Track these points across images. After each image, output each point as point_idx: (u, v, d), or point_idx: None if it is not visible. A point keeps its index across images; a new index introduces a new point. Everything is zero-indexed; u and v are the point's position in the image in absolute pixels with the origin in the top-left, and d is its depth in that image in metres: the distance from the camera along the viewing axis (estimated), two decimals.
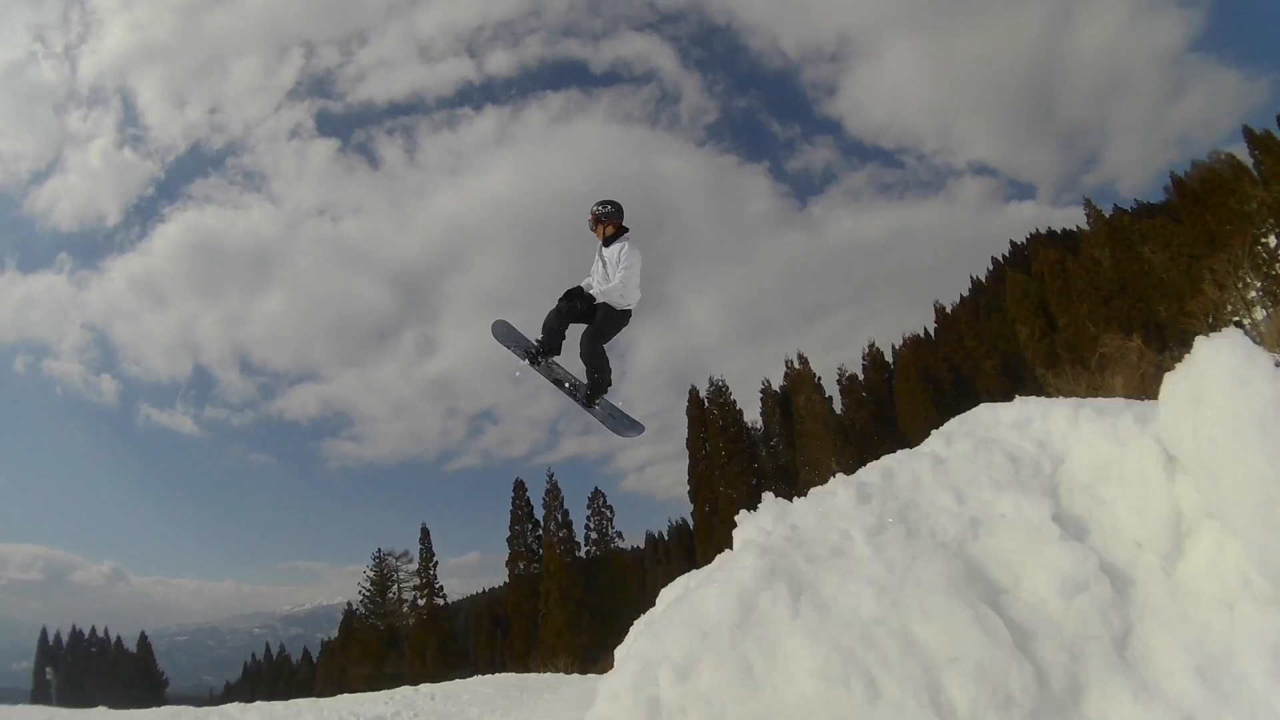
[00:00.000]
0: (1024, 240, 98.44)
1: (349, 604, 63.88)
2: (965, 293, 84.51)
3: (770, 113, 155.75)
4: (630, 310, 6.83)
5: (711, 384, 51.91)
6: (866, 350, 59.59)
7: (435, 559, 51.21)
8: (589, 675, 50.48)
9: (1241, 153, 55.52)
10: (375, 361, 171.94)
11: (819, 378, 52.31)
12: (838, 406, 53.91)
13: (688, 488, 51.24)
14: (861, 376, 57.79)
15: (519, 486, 50.52)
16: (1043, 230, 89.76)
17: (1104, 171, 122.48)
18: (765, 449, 52.10)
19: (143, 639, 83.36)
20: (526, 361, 7.15)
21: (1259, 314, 44.85)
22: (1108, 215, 60.95)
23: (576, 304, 6.80)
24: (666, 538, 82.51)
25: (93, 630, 79.69)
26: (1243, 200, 48.67)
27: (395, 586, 54.37)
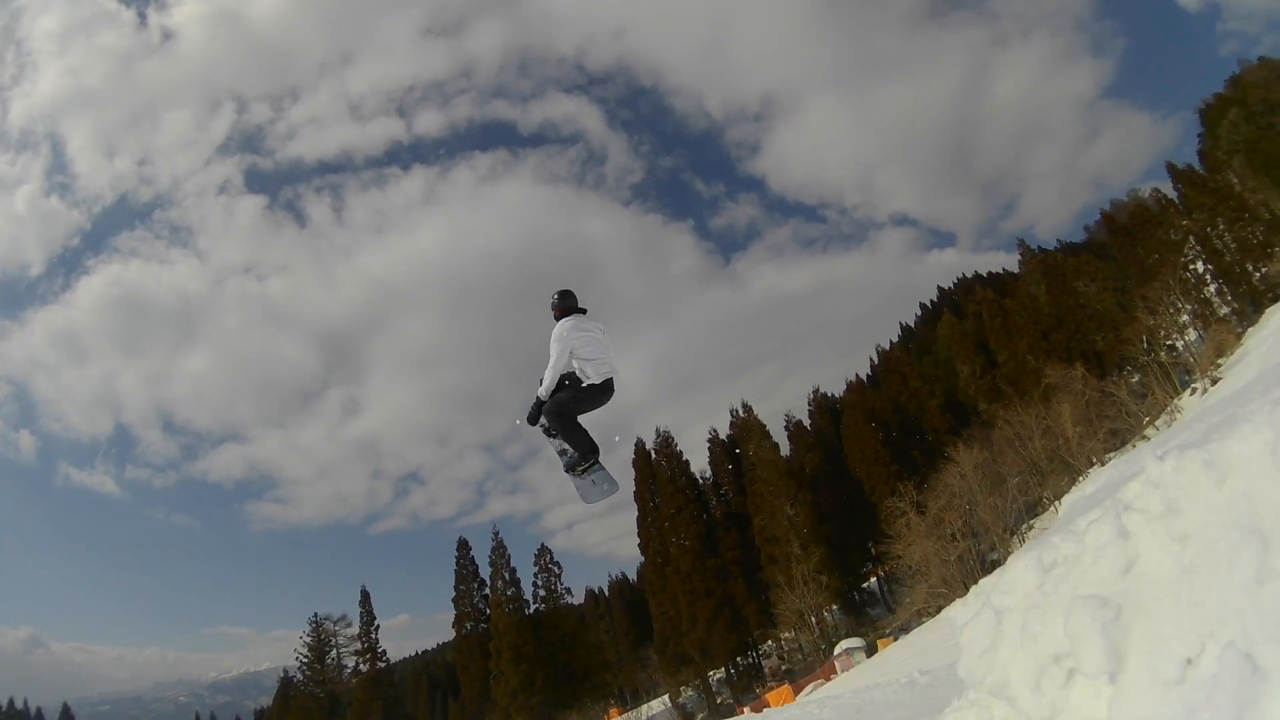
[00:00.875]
0: (951, 285, 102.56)
1: (284, 670, 60.55)
2: (895, 338, 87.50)
3: (695, 172, 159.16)
4: (589, 384, 6.51)
5: (658, 435, 51.51)
6: (811, 396, 61.64)
7: (376, 621, 48.87)
8: None
9: (1165, 188, 60.72)
10: (300, 422, 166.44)
11: (761, 424, 52.25)
12: (784, 451, 53.83)
13: (637, 540, 50.53)
14: (808, 423, 58.38)
15: (463, 545, 48.85)
16: (969, 274, 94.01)
17: (1022, 216, 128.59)
18: (715, 498, 51.59)
19: (65, 711, 77.79)
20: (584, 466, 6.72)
21: (1190, 335, 47.60)
22: (1038, 255, 64.08)
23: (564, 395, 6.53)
24: (607, 593, 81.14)
25: (10, 702, 74.24)
26: (1170, 230, 52.04)
27: (334, 651, 51.69)
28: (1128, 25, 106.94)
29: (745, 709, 40.50)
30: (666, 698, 47.40)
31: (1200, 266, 49.35)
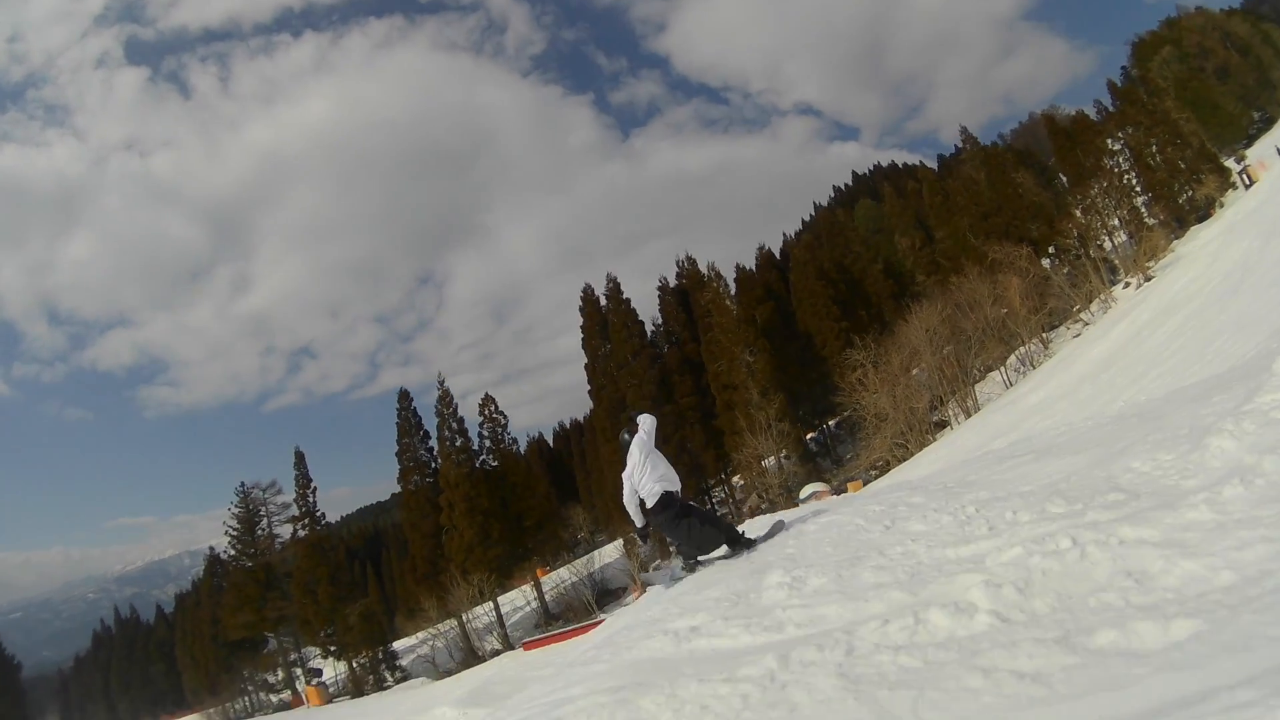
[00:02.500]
0: (867, 171, 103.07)
1: (210, 548, 56.58)
2: (806, 218, 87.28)
3: (598, 46, 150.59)
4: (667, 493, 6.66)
5: (609, 281, 48.42)
6: (758, 252, 60.64)
7: (313, 484, 45.07)
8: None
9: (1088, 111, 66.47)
10: (189, 302, 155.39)
11: (718, 273, 50.06)
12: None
13: (587, 388, 48.01)
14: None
15: (404, 396, 45.13)
16: (872, 167, 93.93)
17: (927, 120, 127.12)
18: (668, 344, 49.35)
19: None
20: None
21: (1120, 238, 50.95)
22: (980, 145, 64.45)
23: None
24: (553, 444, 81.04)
25: None
26: (1108, 140, 54.53)
27: (265, 521, 47.89)
28: None
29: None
30: (620, 543, 45.96)
31: (1133, 179, 51.49)
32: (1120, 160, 52.55)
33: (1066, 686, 2.73)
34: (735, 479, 48.39)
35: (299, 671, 49.33)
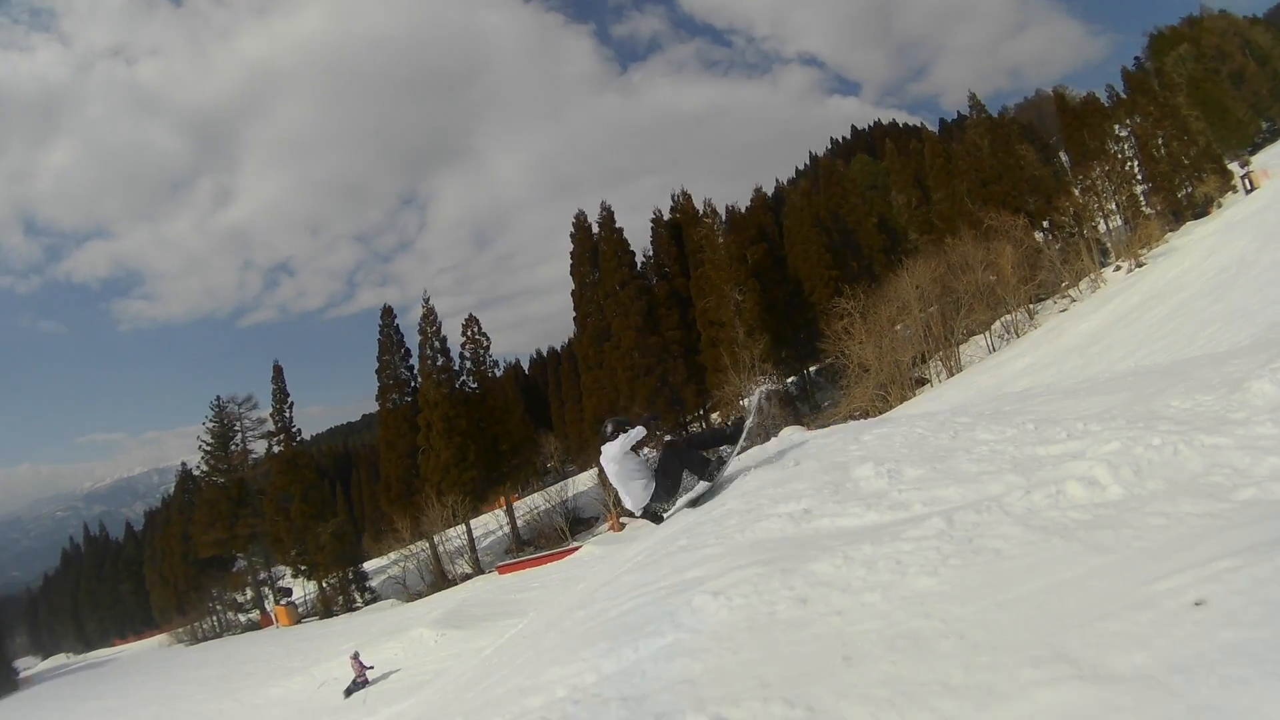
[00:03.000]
0: (867, 127, 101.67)
1: (183, 464, 55.59)
2: (801, 166, 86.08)
3: None
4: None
5: (603, 209, 47.26)
6: (754, 193, 59.74)
7: (290, 399, 44.13)
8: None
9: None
10: (169, 214, 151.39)
11: (713, 208, 49.09)
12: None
13: (572, 314, 47.23)
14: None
15: (388, 312, 44.17)
16: (872, 123, 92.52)
17: (930, 84, 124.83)
18: (657, 276, 48.46)
19: None
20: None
21: (1116, 222, 51.41)
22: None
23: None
24: (529, 372, 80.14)
25: None
26: (1116, 125, 54.82)
27: (239, 437, 46.97)
28: None
29: None
30: (595, 473, 45.56)
31: (1135, 168, 51.47)
32: (1125, 147, 52.63)
33: (1239, 517, 2.98)
34: (714, 416, 48.00)
35: (268, 591, 48.92)
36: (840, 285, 46.43)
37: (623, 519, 38.35)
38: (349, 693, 16.45)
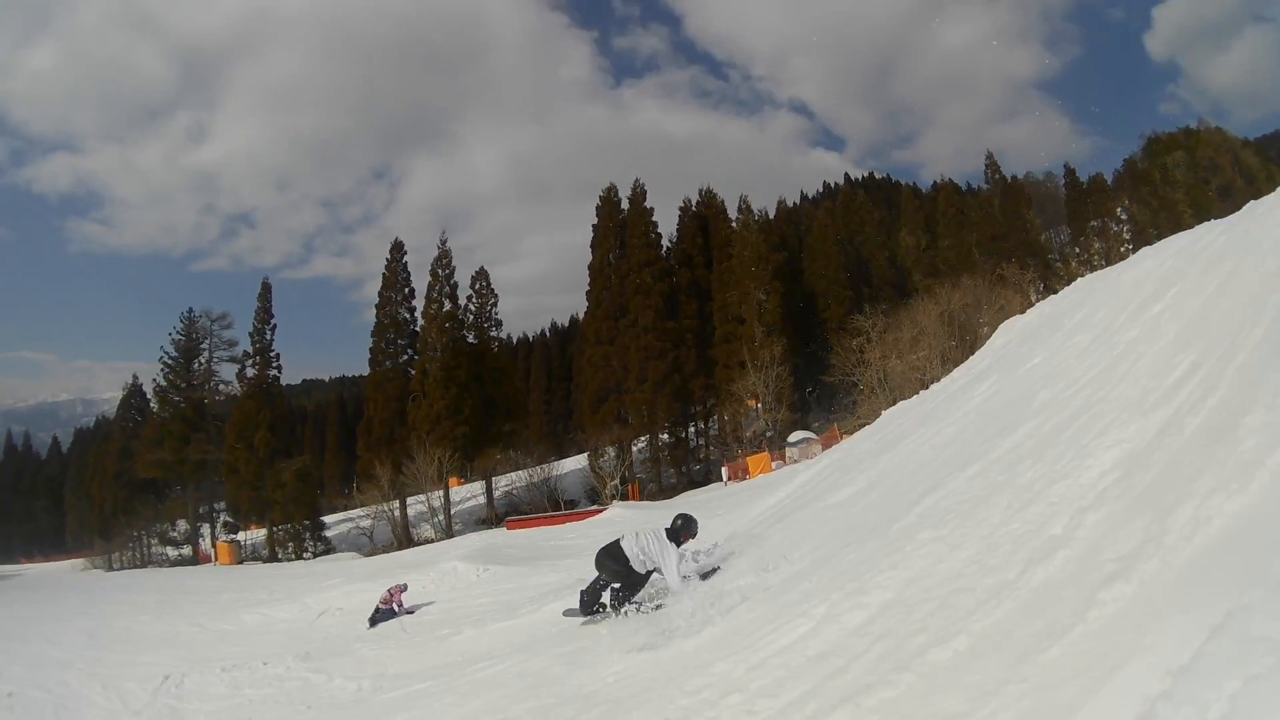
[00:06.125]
0: (860, 178, 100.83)
1: (134, 377, 49.46)
2: (829, 184, 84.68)
3: None
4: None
5: (635, 187, 43.78)
6: (779, 203, 59.24)
7: (273, 321, 39.06)
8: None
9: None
10: (141, 141, 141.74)
11: (749, 205, 46.60)
12: None
13: (587, 287, 43.34)
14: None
15: (398, 247, 39.43)
16: (865, 174, 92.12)
17: (913, 153, 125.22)
18: (680, 264, 45.00)
19: None
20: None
21: None
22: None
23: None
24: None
25: None
26: (1118, 208, 54.42)
27: (206, 355, 41.53)
28: (1090, 38, 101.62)
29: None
30: (584, 457, 41.70)
31: (1131, 251, 51.97)
32: (1124, 230, 52.05)
33: None
34: (712, 418, 44.66)
35: (206, 527, 43.26)
36: (854, 305, 45.21)
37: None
38: (375, 622, 12.47)
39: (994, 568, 3.93)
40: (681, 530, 7.35)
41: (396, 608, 12.65)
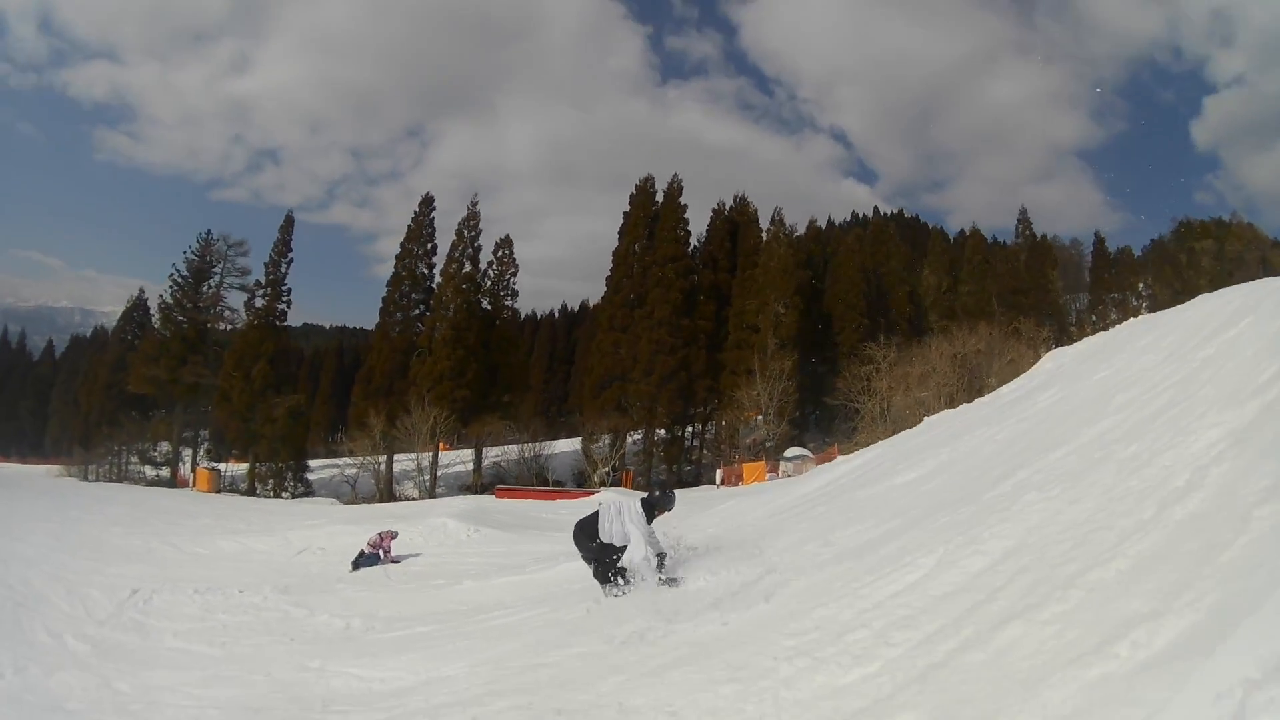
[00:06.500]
0: (888, 213, 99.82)
1: (140, 290, 48.74)
2: (857, 214, 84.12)
3: None
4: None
5: (675, 180, 43.25)
6: (810, 222, 57.08)
7: (291, 255, 38.32)
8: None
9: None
10: (182, 62, 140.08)
11: (782, 219, 46.00)
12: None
13: (608, 271, 42.74)
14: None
15: (428, 200, 38.68)
16: (894, 210, 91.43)
17: (944, 198, 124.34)
18: (704, 264, 44.33)
19: None
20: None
21: None
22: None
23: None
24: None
25: None
26: (1140, 283, 58.29)
27: (218, 278, 40.75)
28: (1137, 115, 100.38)
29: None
30: (579, 441, 41.01)
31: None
32: (1144, 306, 51.84)
33: None
34: (711, 421, 44.04)
35: (188, 452, 42.52)
36: (869, 333, 44.62)
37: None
38: (358, 565, 11.82)
39: (1125, 513, 4.23)
40: (659, 503, 6.90)
41: (383, 554, 12.02)
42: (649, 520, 6.69)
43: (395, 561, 12.03)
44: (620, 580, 6.58)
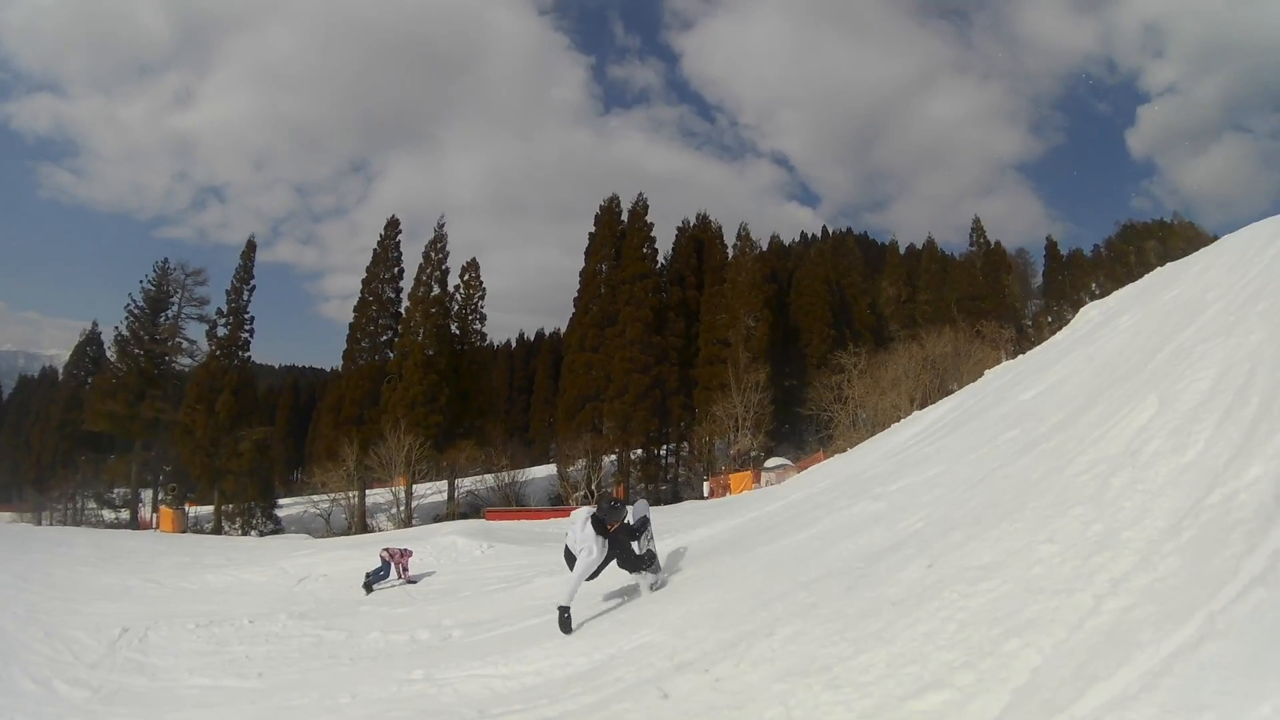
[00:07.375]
0: (840, 230, 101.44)
1: (93, 324, 46.74)
2: (817, 232, 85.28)
3: (621, 15, 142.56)
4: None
5: (640, 199, 43.34)
6: (772, 238, 58.46)
7: (253, 282, 37.13)
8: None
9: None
10: (127, 96, 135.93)
11: (748, 233, 46.33)
12: None
13: (575, 293, 42.44)
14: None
15: (394, 223, 37.91)
16: (845, 229, 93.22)
17: (886, 217, 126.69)
18: (673, 282, 44.33)
19: None
20: None
21: None
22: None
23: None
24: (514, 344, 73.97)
25: None
26: (1092, 283, 57.77)
27: (175, 309, 39.27)
28: (1074, 127, 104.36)
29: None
30: (554, 467, 40.32)
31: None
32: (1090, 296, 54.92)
33: None
34: (685, 441, 43.81)
35: (148, 493, 40.64)
36: (836, 343, 45.35)
37: None
38: (371, 585, 11.20)
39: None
40: (607, 515, 7.08)
41: (401, 572, 11.43)
42: (601, 531, 6.93)
43: (413, 581, 11.46)
44: (651, 565, 7.32)
